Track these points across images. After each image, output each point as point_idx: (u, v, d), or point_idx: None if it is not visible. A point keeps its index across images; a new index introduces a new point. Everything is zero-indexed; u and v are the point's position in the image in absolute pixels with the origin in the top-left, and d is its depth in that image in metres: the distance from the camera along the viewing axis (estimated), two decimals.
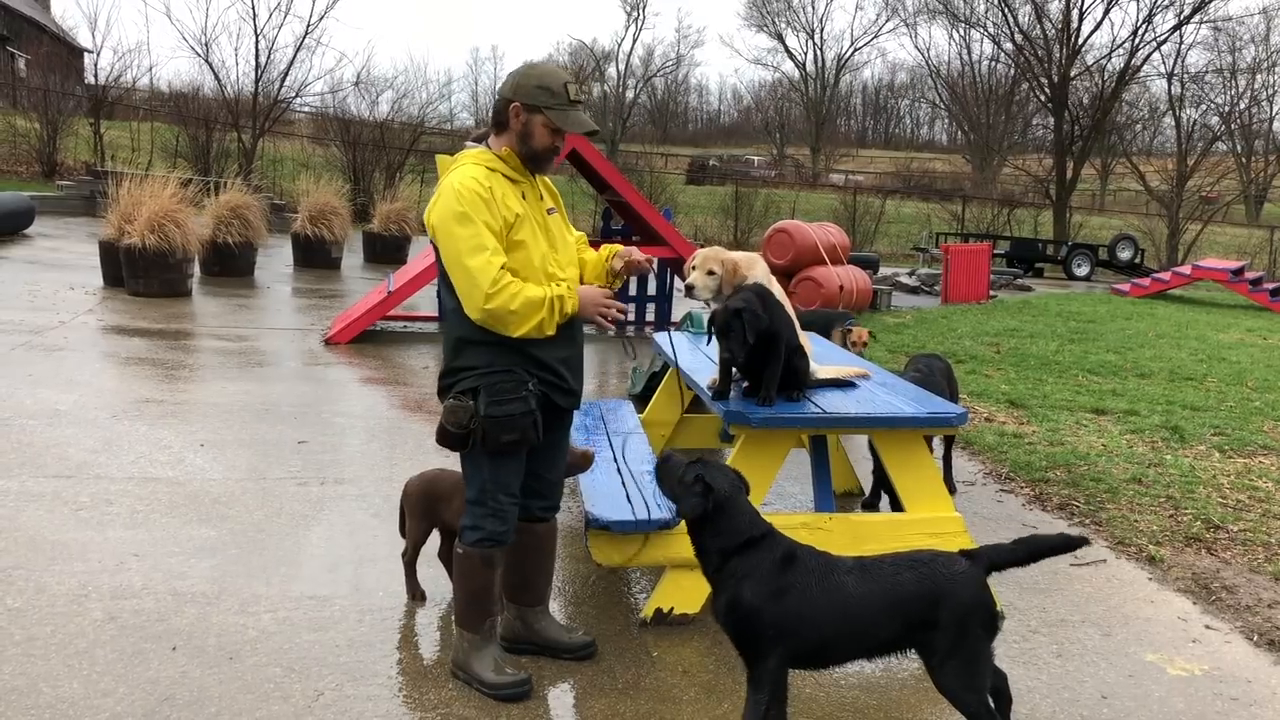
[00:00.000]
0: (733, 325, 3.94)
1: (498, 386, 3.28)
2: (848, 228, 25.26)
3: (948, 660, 2.93)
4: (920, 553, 3.10)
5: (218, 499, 5.14)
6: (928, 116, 79.52)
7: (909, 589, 2.96)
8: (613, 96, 63.16)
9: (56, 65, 28.84)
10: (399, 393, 7.88)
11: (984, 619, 2.96)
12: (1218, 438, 7.56)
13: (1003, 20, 38.26)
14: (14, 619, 3.75)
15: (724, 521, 3.09)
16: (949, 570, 2.98)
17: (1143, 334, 13.61)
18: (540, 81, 3.30)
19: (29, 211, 15.97)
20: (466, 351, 3.34)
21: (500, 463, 3.37)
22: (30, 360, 7.84)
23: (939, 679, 2.97)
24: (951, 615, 2.92)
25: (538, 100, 3.28)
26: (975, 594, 2.96)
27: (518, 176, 3.37)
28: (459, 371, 3.35)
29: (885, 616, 2.97)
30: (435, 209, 3.27)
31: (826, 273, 13.75)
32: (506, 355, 3.31)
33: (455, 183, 3.24)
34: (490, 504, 3.39)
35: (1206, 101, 37.51)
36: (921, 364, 5.93)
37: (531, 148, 3.35)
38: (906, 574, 2.99)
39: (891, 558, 3.09)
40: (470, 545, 3.43)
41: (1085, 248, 26.61)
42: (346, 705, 3.32)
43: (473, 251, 3.17)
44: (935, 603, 2.93)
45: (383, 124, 25.82)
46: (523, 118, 3.31)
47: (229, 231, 13.24)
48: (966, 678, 2.93)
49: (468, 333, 3.32)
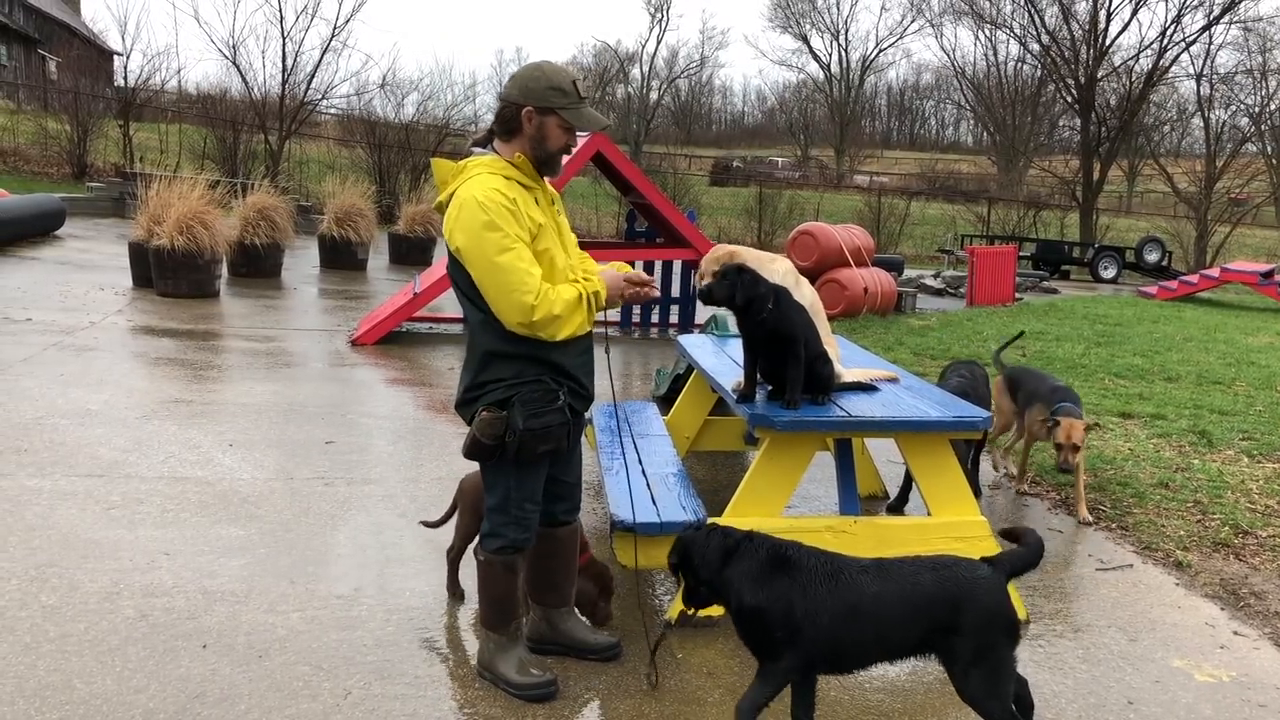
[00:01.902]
0: (729, 275, 4.01)
1: (532, 398, 3.27)
2: (872, 230, 25.19)
3: (970, 668, 2.93)
4: (942, 557, 3.10)
5: (246, 498, 5.20)
6: (953, 118, 79.32)
7: (928, 591, 2.96)
8: (636, 98, 63.23)
9: (87, 68, 29.10)
10: (425, 394, 7.92)
11: (1006, 626, 2.96)
12: (1246, 442, 7.49)
13: (1029, 21, 38.08)
14: (48, 616, 3.80)
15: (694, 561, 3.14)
16: (971, 575, 2.98)
17: (1170, 337, 13.51)
18: (550, 83, 3.26)
19: (60, 213, 16.16)
20: (494, 365, 3.31)
21: (527, 471, 3.37)
22: (62, 360, 7.94)
23: (962, 686, 2.97)
24: (973, 621, 2.92)
25: (551, 102, 3.25)
26: (997, 600, 2.96)
27: (530, 183, 3.34)
28: (486, 385, 3.32)
29: (904, 618, 2.97)
30: (459, 225, 3.19)
31: (851, 275, 13.73)
32: (534, 366, 3.30)
33: (478, 195, 3.16)
34: (514, 511, 3.40)
35: (1236, 102, 37.10)
36: (964, 370, 5.94)
37: (547, 150, 3.31)
38: (926, 576, 2.99)
39: (912, 560, 3.09)
40: (492, 553, 3.43)
41: (1112, 250, 26.41)
42: (374, 704, 3.36)
43: (509, 263, 3.14)
44: (956, 607, 2.93)
45: (408, 126, 25.95)
46: (535, 120, 3.27)
47: (256, 233, 13.36)
48: (990, 685, 2.93)
49: (496, 345, 3.29)
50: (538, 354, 3.29)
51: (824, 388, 4.26)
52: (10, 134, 25.47)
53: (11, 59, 44.06)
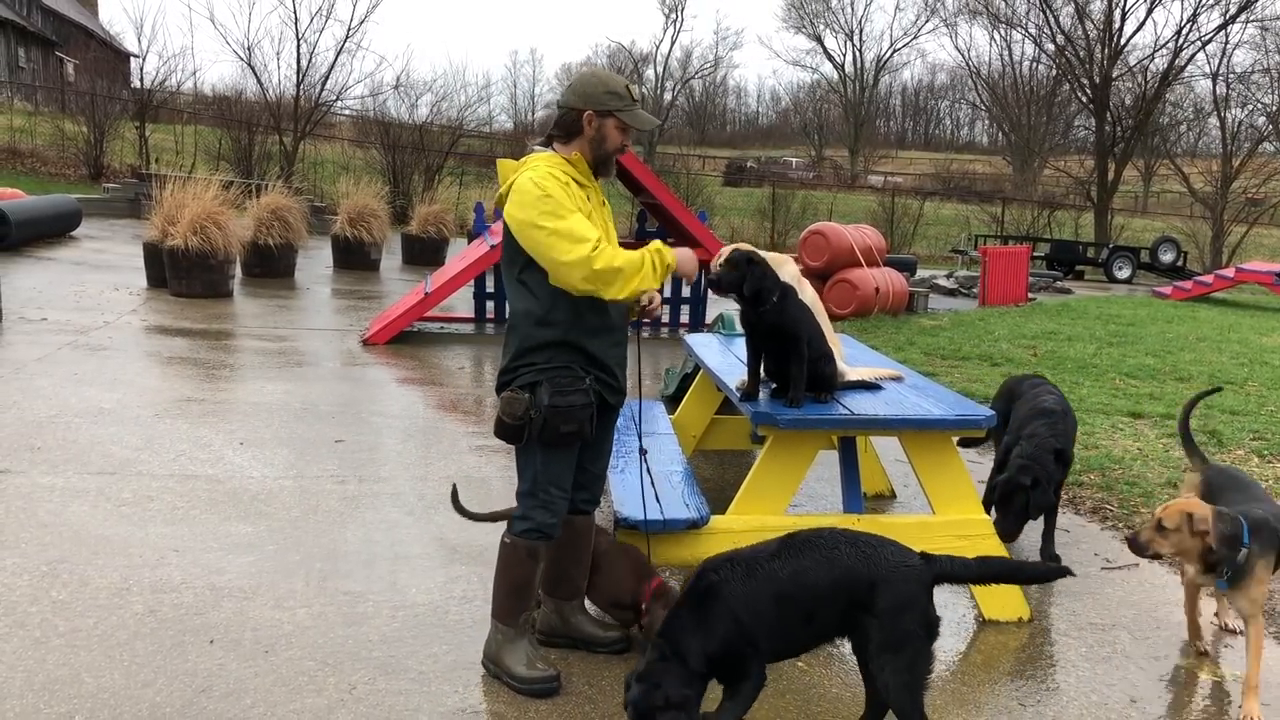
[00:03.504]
0: (738, 262, 4.05)
1: (559, 379, 3.38)
2: (885, 230, 25.14)
3: (883, 653, 2.94)
4: (874, 536, 3.11)
5: (256, 496, 5.24)
6: (968, 118, 79.03)
7: (847, 565, 2.98)
8: (650, 98, 63.23)
9: (103, 70, 29.32)
10: (435, 393, 7.96)
11: (922, 618, 2.96)
12: (1257, 442, 7.46)
13: (1044, 21, 37.91)
14: (58, 611, 3.85)
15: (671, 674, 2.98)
16: (896, 559, 3.00)
17: (1183, 337, 13.45)
18: (607, 87, 3.45)
19: (76, 214, 16.30)
20: (528, 353, 3.43)
21: (553, 455, 3.45)
22: (76, 359, 8.02)
23: (875, 674, 2.99)
24: (888, 604, 2.93)
25: (609, 105, 3.43)
26: (917, 591, 2.97)
27: (585, 181, 3.49)
28: (519, 368, 3.45)
29: (825, 590, 2.98)
30: (514, 203, 3.35)
31: (862, 275, 13.72)
32: (566, 353, 3.42)
33: (533, 176, 3.33)
34: (541, 496, 3.48)
35: (1253, 102, 36.83)
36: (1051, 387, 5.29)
37: (605, 150, 3.47)
38: (846, 550, 3.01)
39: (829, 531, 3.11)
40: (518, 535, 3.51)
41: (1126, 250, 26.30)
42: (379, 699, 3.39)
43: (566, 225, 3.26)
44: (873, 586, 2.95)
45: (422, 127, 26.04)
46: (595, 123, 3.43)
47: (270, 233, 13.44)
48: (902, 676, 2.93)
49: (533, 334, 3.42)
50: (569, 339, 3.40)
51: (827, 386, 4.27)
52: (28, 135, 25.68)
53: (29, 61, 44.39)
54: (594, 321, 3.43)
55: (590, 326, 3.43)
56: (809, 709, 3.49)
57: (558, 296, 3.37)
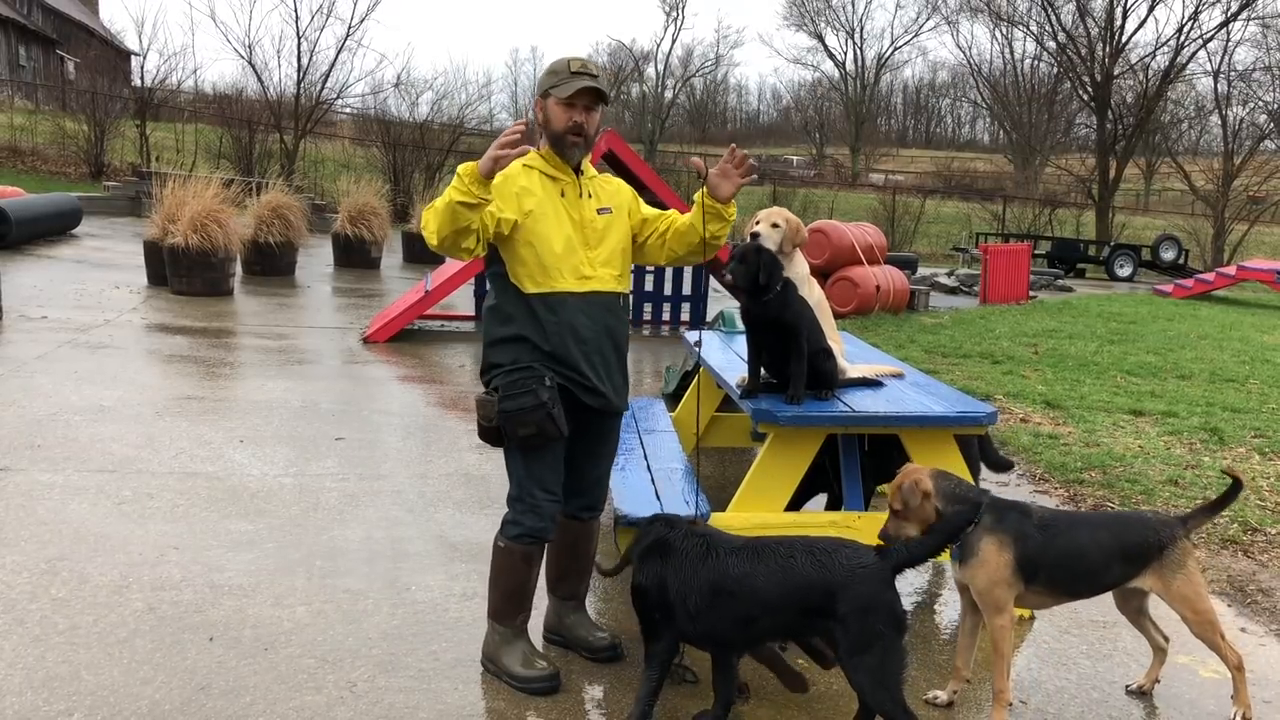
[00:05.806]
0: (747, 256, 4.09)
1: (512, 382, 3.37)
2: (886, 228, 25.13)
3: (854, 656, 2.94)
4: (829, 539, 3.11)
5: (256, 494, 5.24)
6: (969, 116, 78.83)
7: (803, 575, 2.99)
8: (651, 97, 63.16)
9: (104, 68, 29.31)
10: (435, 391, 7.96)
11: (888, 616, 2.95)
12: (1258, 440, 7.46)
13: (1045, 19, 37.88)
14: (58, 608, 3.85)
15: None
16: (851, 562, 2.98)
17: (1184, 335, 13.44)
18: (548, 70, 3.49)
19: (76, 212, 16.31)
20: (495, 350, 3.47)
21: (532, 458, 3.43)
22: (76, 357, 8.02)
23: (850, 675, 2.99)
24: (851, 608, 2.93)
25: (545, 85, 3.47)
26: (877, 589, 2.96)
27: (558, 174, 3.48)
28: (491, 369, 3.48)
29: (774, 600, 3.00)
30: None
31: (863, 273, 13.71)
32: (529, 352, 3.41)
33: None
34: (528, 500, 3.47)
35: (1254, 100, 36.78)
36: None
37: (554, 131, 3.46)
38: (802, 559, 3.01)
39: (788, 540, 3.11)
40: (511, 540, 3.50)
41: (1128, 248, 26.29)
42: (378, 696, 3.38)
43: None
44: (832, 593, 2.95)
45: (422, 125, 26.05)
46: (540, 106, 3.48)
47: (270, 231, 13.45)
48: (876, 676, 2.93)
49: (495, 330, 3.47)
50: (525, 334, 3.40)
51: (827, 383, 4.27)
52: (29, 134, 25.69)
53: (30, 60, 44.37)
54: (546, 317, 3.39)
55: (543, 322, 3.39)
56: (810, 708, 3.48)
57: (509, 292, 3.42)
